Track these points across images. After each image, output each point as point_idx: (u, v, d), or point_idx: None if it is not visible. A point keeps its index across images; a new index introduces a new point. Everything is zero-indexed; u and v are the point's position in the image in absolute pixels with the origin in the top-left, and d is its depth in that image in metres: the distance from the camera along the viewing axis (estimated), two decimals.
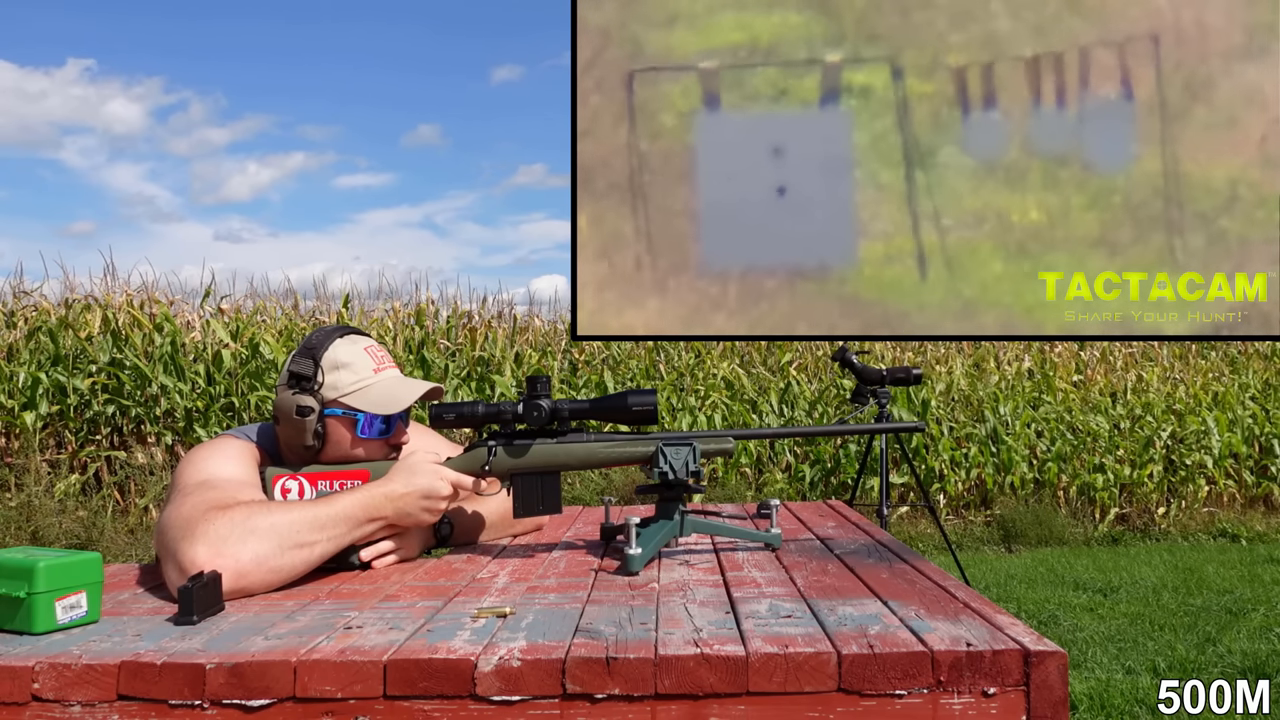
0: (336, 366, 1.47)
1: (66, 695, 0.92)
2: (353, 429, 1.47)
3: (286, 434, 1.47)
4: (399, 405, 1.47)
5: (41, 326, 5.82)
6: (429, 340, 6.56)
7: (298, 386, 1.45)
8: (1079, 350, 7.68)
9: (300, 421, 1.44)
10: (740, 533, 1.53)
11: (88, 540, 4.94)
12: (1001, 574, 4.99)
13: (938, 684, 0.91)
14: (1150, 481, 6.60)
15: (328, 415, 1.46)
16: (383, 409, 1.46)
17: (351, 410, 1.46)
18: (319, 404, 1.45)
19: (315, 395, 1.45)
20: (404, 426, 1.53)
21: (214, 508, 1.25)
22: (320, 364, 1.46)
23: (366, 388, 1.47)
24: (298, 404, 1.44)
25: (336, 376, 1.46)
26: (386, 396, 1.47)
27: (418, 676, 0.92)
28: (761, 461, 6.40)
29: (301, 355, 1.47)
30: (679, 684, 0.91)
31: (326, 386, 1.46)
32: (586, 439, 1.46)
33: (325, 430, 1.46)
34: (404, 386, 1.50)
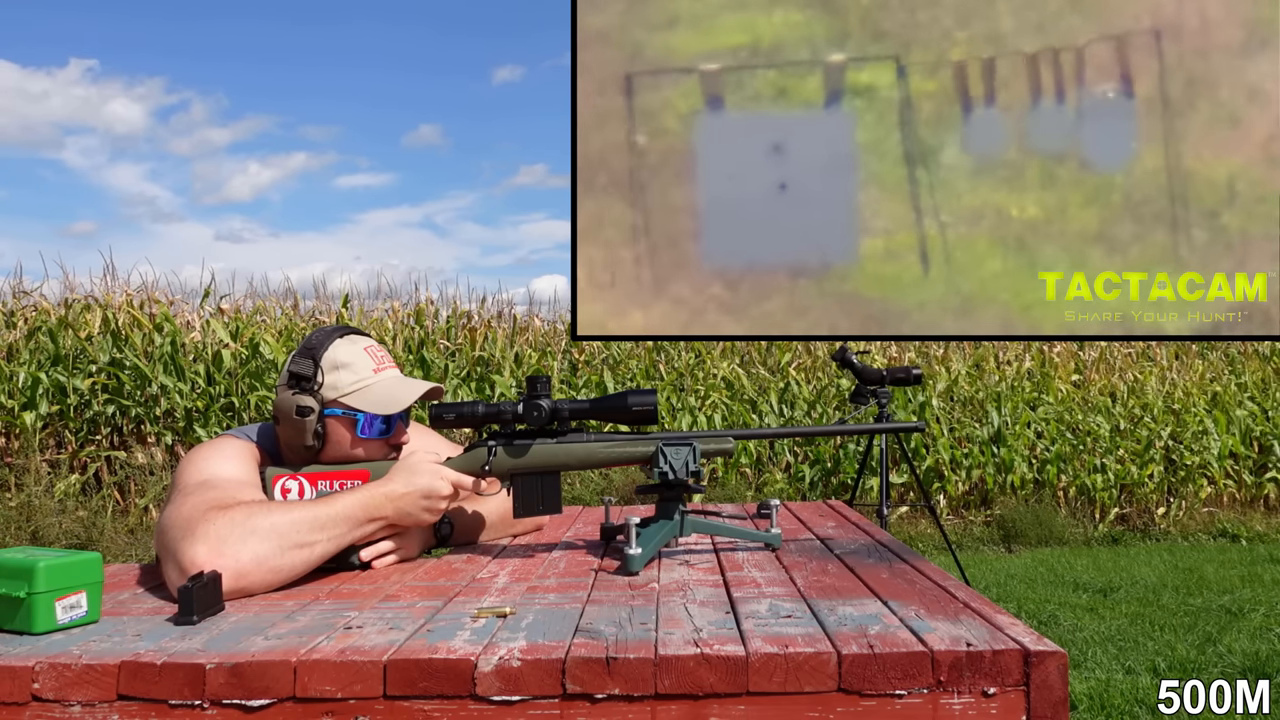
0: (336, 366, 1.47)
1: (66, 695, 0.92)
2: (353, 429, 1.47)
3: (287, 434, 1.47)
4: (399, 405, 1.47)
5: (41, 326, 5.82)
6: (429, 340, 6.56)
7: (298, 387, 1.45)
8: (1078, 350, 7.69)
9: (300, 421, 1.44)
10: (740, 533, 1.53)
11: (88, 540, 4.94)
12: (1001, 574, 4.99)
13: (938, 684, 0.91)
14: (1150, 481, 6.60)
15: (328, 415, 1.46)
16: (383, 409, 1.46)
17: (351, 410, 1.46)
18: (319, 404, 1.45)
19: (315, 395, 1.45)
20: (404, 426, 1.53)
21: (214, 508, 1.25)
22: (320, 364, 1.46)
23: (366, 388, 1.47)
24: (298, 404, 1.44)
25: (336, 377, 1.46)
26: (386, 396, 1.47)
27: (418, 676, 0.92)
28: (761, 461, 6.40)
29: (301, 355, 1.47)
30: (679, 684, 0.91)
31: (326, 387, 1.46)
32: (586, 439, 1.46)
33: (325, 430, 1.46)
34: (404, 386, 1.50)
